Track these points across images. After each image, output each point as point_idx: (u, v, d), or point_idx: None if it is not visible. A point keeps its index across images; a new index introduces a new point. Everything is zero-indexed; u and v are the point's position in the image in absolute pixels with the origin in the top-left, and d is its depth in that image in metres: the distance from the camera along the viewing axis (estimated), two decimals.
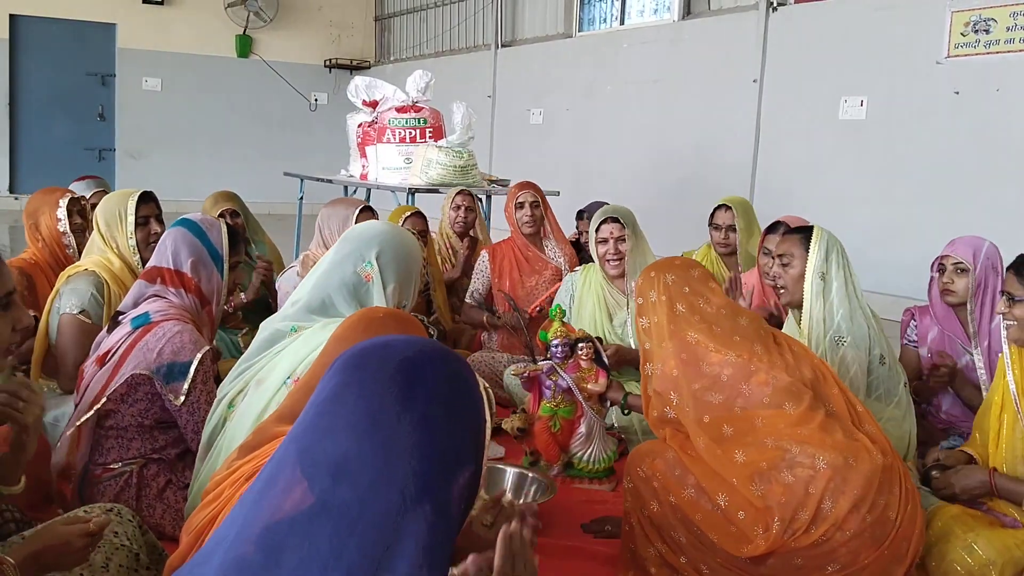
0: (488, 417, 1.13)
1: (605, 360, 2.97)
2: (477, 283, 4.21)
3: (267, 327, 2.27)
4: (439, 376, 1.07)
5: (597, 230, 3.60)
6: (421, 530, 1.00)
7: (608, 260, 3.57)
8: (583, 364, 2.94)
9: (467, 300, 4.22)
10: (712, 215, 4.11)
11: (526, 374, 3.02)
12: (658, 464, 2.23)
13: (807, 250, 2.74)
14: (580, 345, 2.96)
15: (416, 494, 1.01)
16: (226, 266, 2.57)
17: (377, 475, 1.00)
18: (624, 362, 3.33)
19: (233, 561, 1.02)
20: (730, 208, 4.04)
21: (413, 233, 3.90)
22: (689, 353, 2.25)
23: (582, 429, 2.95)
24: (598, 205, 4.80)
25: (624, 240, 3.54)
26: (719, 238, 4.06)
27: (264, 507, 1.03)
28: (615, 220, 3.56)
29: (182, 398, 2.33)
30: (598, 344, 2.99)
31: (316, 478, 1.02)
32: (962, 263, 2.99)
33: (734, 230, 4.01)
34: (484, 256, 4.21)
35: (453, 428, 1.06)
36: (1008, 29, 5.10)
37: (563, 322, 3.02)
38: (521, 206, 4.20)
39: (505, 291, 4.01)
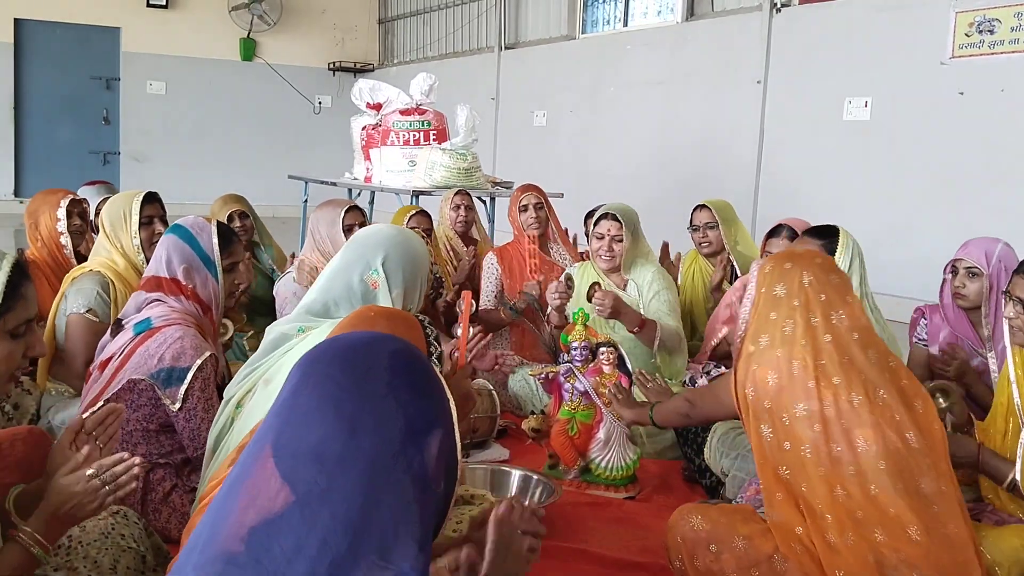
0: (449, 394, 1.15)
1: (629, 366, 2.94)
2: (488, 287, 4.18)
3: (273, 330, 2.28)
4: (392, 353, 1.11)
5: (596, 224, 3.61)
6: (396, 497, 1.02)
7: (601, 255, 3.58)
8: (605, 369, 2.91)
9: (482, 306, 4.19)
10: (691, 218, 4.16)
11: (544, 375, 3.02)
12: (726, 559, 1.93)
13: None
14: (602, 349, 2.94)
15: (387, 463, 1.03)
16: (219, 269, 2.55)
17: (344, 450, 1.02)
18: (619, 314, 3.30)
19: (222, 561, 1.03)
20: (706, 207, 4.10)
21: (419, 233, 3.91)
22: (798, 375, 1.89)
23: (600, 435, 2.90)
24: None
25: (620, 240, 3.55)
26: (698, 238, 4.12)
27: (242, 505, 1.04)
28: (615, 218, 3.56)
29: (178, 403, 2.33)
30: (621, 349, 2.97)
31: (288, 467, 1.04)
32: (974, 267, 2.95)
33: (711, 228, 4.06)
34: (491, 258, 4.20)
35: (414, 396, 1.08)
36: (1012, 29, 5.09)
37: (585, 325, 3.01)
38: (525, 209, 4.19)
39: (520, 289, 4.01)
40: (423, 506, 1.05)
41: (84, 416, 1.65)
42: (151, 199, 3.21)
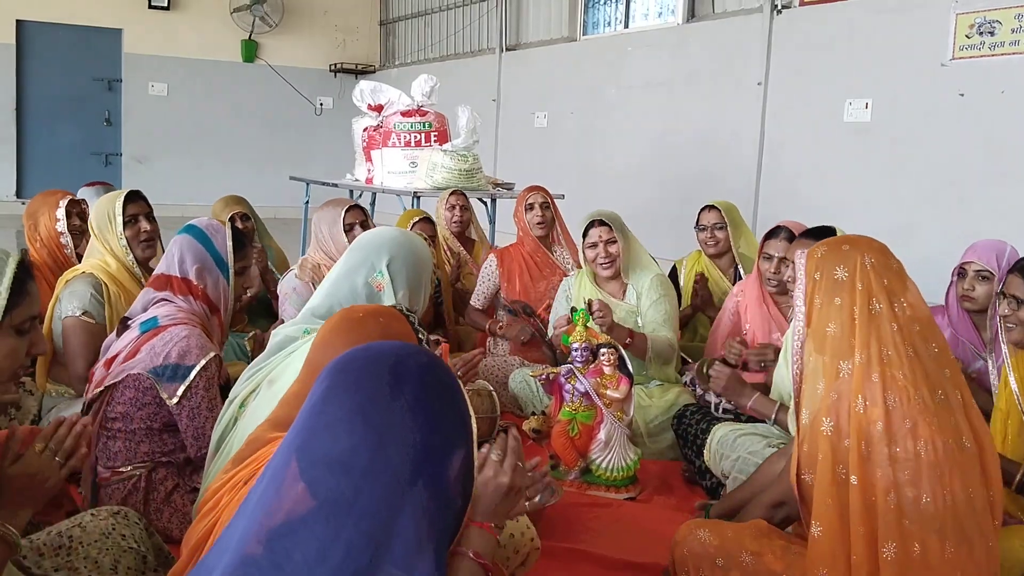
0: (471, 411, 1.16)
1: (629, 368, 2.95)
2: (482, 287, 4.20)
3: (279, 333, 2.29)
4: (421, 368, 1.12)
5: (585, 235, 3.58)
6: (417, 511, 1.03)
7: (599, 263, 3.55)
8: (605, 370, 2.92)
9: (471, 303, 4.22)
10: (698, 218, 4.14)
11: (544, 376, 3.02)
12: None
13: None
14: (602, 351, 2.94)
15: (410, 477, 1.04)
16: (231, 271, 2.58)
17: (370, 462, 1.03)
18: (611, 329, 3.23)
19: (240, 562, 1.04)
20: (715, 208, 4.08)
21: (424, 238, 3.93)
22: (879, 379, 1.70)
23: (601, 435, 2.92)
24: None
25: (614, 242, 3.53)
26: (705, 237, 4.10)
27: (266, 509, 1.05)
28: (602, 223, 3.54)
29: (175, 399, 2.34)
30: (622, 350, 2.98)
31: (314, 474, 1.05)
32: (985, 271, 2.94)
33: (719, 228, 4.05)
34: (492, 260, 4.22)
35: (440, 413, 1.10)
36: (1013, 31, 5.09)
37: (586, 326, 3.02)
38: (531, 207, 4.21)
39: (512, 299, 4.01)
40: (442, 519, 1.06)
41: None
42: (134, 197, 3.21)
